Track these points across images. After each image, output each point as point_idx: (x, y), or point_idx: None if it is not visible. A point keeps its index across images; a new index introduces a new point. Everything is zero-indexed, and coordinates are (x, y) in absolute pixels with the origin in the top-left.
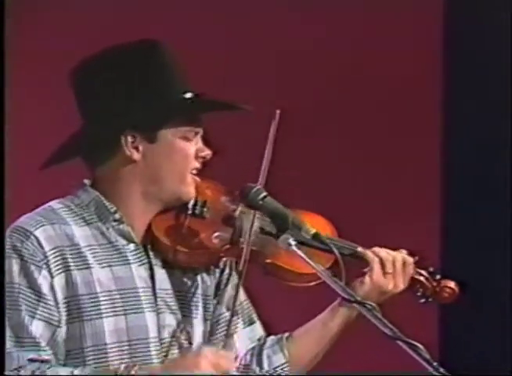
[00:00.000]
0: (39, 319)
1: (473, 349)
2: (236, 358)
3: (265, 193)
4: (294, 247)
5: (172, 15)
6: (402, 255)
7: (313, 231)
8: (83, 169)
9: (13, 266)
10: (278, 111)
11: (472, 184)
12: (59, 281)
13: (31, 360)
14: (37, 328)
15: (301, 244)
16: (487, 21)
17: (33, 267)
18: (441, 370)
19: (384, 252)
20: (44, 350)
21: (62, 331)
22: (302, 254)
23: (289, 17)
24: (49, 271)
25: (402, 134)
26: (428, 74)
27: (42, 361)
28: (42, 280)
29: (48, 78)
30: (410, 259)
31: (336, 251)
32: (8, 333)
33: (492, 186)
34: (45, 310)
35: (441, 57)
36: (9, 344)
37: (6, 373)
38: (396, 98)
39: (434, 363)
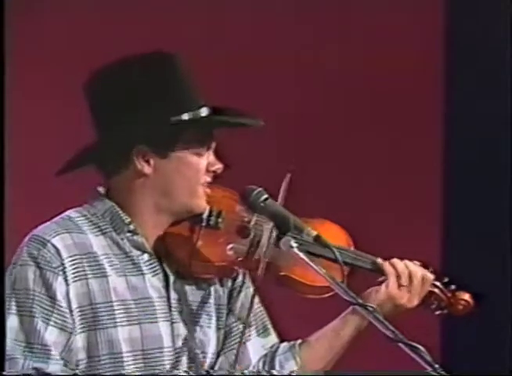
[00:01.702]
0: (53, 325)
1: (474, 351)
2: (247, 367)
3: (266, 196)
4: (296, 250)
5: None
6: (421, 272)
7: (315, 233)
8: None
9: (29, 273)
10: (289, 175)
11: (473, 186)
12: (74, 289)
13: (36, 369)
14: (50, 335)
15: (312, 254)
16: (488, 20)
17: (49, 274)
18: (443, 372)
19: (401, 265)
20: (53, 359)
21: (76, 339)
22: (303, 257)
23: (289, 19)
24: (65, 278)
25: (404, 129)
26: (429, 73)
27: (45, 374)
28: (58, 286)
29: (49, 79)
30: (430, 276)
31: (337, 253)
32: (17, 338)
33: (493, 188)
34: (59, 317)
35: (442, 56)
36: (17, 350)
37: (5, 373)
38: (397, 101)
39: (436, 365)
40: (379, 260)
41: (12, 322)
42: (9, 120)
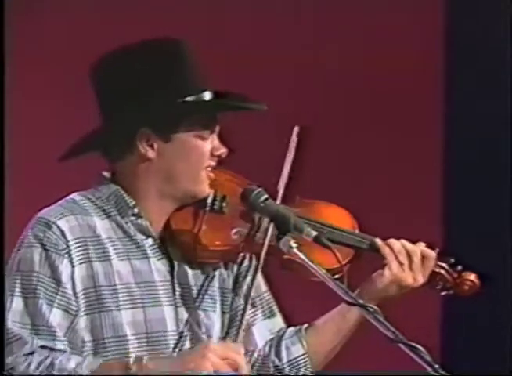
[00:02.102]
0: (57, 307)
1: (474, 351)
2: (252, 351)
3: (266, 196)
4: (296, 250)
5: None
6: (420, 249)
7: (314, 234)
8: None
9: (34, 255)
10: (296, 128)
11: (473, 186)
12: (79, 271)
13: (43, 347)
14: (55, 316)
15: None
16: (488, 20)
17: (54, 255)
18: (443, 372)
19: (398, 244)
20: (59, 340)
21: (80, 321)
22: (303, 257)
23: (289, 19)
24: (71, 260)
25: (404, 129)
26: (429, 73)
27: (53, 349)
28: (63, 268)
29: (49, 79)
30: (431, 253)
31: (337, 254)
32: (22, 320)
33: (493, 188)
34: (64, 299)
35: (442, 55)
36: (23, 331)
37: (5, 373)
38: (396, 101)
39: (436, 365)
40: (378, 241)
41: (17, 304)
42: (9, 120)
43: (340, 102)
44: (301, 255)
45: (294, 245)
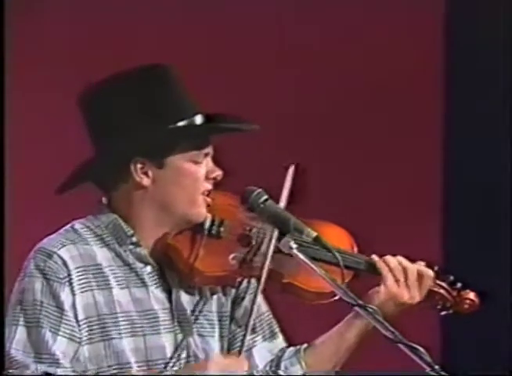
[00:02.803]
0: (62, 335)
1: (474, 352)
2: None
3: (266, 197)
4: (295, 251)
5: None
6: (417, 267)
7: (314, 234)
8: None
9: (36, 285)
10: (293, 165)
11: (473, 185)
12: (81, 300)
13: (47, 374)
14: (60, 344)
15: (312, 258)
16: (487, 20)
17: (56, 284)
18: (443, 372)
19: (394, 261)
20: (63, 367)
21: (83, 349)
22: (303, 257)
23: (289, 17)
24: (72, 289)
25: (403, 135)
26: (429, 73)
27: None
28: (65, 297)
29: (49, 79)
30: (428, 271)
31: (337, 254)
32: (25, 349)
33: (493, 186)
34: (68, 327)
35: (442, 53)
36: (26, 359)
37: (5, 373)
38: (397, 98)
39: (436, 366)
40: (375, 258)
41: (20, 334)
42: (9, 119)
43: (339, 102)
44: (301, 256)
45: (294, 246)
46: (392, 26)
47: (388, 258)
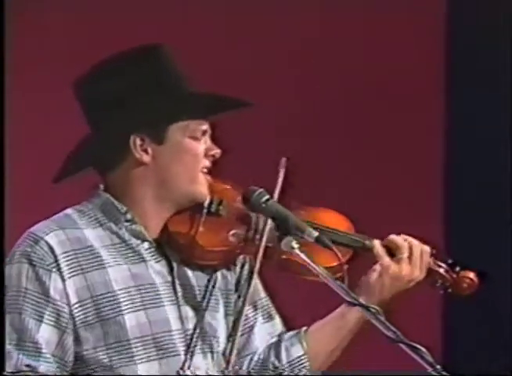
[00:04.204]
0: (47, 323)
1: (475, 352)
2: (252, 354)
3: (267, 196)
4: (297, 250)
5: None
6: (419, 243)
7: (316, 234)
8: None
9: (22, 271)
10: (284, 159)
11: (475, 178)
12: (72, 284)
13: (28, 366)
14: (44, 332)
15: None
16: (488, 20)
17: (42, 271)
18: (444, 372)
19: (399, 239)
20: (44, 357)
21: (71, 335)
22: (305, 258)
23: (291, 17)
24: (61, 274)
25: (404, 129)
26: (430, 74)
27: (36, 371)
28: (52, 283)
29: (49, 78)
30: (427, 248)
31: (339, 254)
32: (9, 336)
33: (494, 180)
34: (53, 314)
35: (444, 52)
36: (9, 348)
37: (5, 373)
38: (398, 98)
39: (437, 366)
40: (374, 240)
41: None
42: (9, 119)
43: (340, 100)
44: (303, 256)
45: (296, 246)
46: (393, 26)
47: (393, 236)
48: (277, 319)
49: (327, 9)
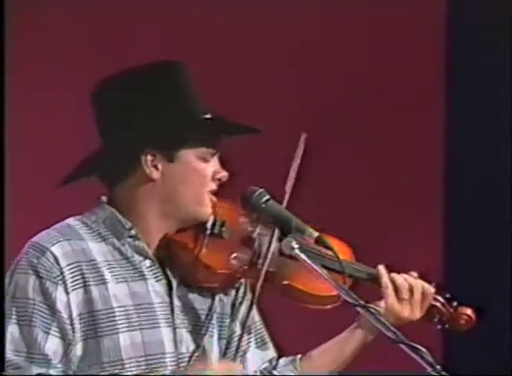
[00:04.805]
0: (54, 335)
1: (475, 352)
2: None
3: (267, 197)
4: (297, 251)
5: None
6: (421, 284)
7: (316, 234)
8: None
9: (29, 282)
10: (304, 135)
11: (475, 177)
12: (75, 297)
13: (40, 375)
14: (51, 344)
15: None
16: (488, 20)
17: (48, 283)
18: (444, 373)
19: (401, 278)
20: (54, 367)
21: (76, 348)
22: (305, 258)
23: (291, 17)
24: (65, 287)
25: (405, 129)
26: (430, 75)
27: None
28: (58, 295)
29: (50, 78)
30: (430, 289)
31: (339, 254)
32: (17, 347)
33: (494, 180)
34: (60, 326)
35: (444, 52)
36: (18, 359)
37: (5, 373)
38: (398, 98)
39: (437, 366)
40: (379, 270)
41: (12, 331)
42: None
43: (339, 106)
44: (303, 256)
45: (296, 246)
46: (394, 26)
47: (395, 275)
48: (270, 344)
49: (327, 9)
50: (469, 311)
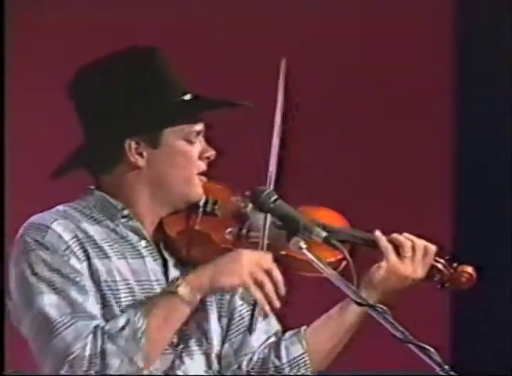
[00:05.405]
0: (92, 295)
1: (484, 352)
2: (252, 354)
3: (276, 196)
4: (305, 251)
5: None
6: (423, 242)
7: (324, 234)
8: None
9: (43, 256)
10: (284, 59)
11: (484, 178)
12: (86, 268)
13: (95, 327)
14: (93, 303)
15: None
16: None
17: (60, 256)
18: (452, 373)
19: (402, 237)
20: (98, 319)
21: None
22: (313, 258)
23: (296, 17)
24: (77, 257)
25: (413, 129)
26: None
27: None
28: (74, 262)
29: (49, 77)
30: (432, 247)
31: (347, 254)
32: (61, 311)
33: (504, 180)
34: (90, 286)
35: (453, 52)
36: (68, 318)
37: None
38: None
39: (446, 366)
40: (376, 233)
41: (50, 300)
42: (9, 119)
43: (347, 104)
44: (311, 256)
45: (304, 246)
46: (402, 26)
47: (396, 235)
48: (272, 318)
49: (327, 9)
50: (470, 269)
